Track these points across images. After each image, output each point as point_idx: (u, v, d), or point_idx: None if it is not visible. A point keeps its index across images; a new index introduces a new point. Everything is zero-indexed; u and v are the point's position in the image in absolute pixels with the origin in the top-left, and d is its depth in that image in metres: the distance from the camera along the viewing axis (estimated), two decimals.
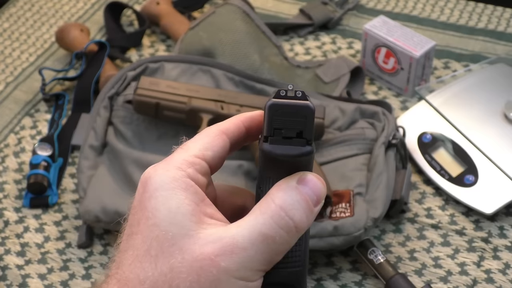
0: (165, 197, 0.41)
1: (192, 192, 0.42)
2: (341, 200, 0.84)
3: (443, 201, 0.92)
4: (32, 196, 0.94)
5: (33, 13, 1.27)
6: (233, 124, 0.45)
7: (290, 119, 0.41)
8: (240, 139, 0.46)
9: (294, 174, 0.42)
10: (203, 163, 0.43)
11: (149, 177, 0.42)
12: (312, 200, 0.42)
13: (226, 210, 0.44)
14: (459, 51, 1.14)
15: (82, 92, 1.07)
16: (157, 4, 1.19)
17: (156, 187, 0.42)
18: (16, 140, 1.03)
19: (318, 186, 0.42)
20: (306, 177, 0.42)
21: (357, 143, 0.91)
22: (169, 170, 0.42)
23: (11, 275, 0.87)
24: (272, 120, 0.41)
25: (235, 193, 0.48)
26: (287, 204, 0.41)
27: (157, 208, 0.41)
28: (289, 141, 0.41)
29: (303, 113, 0.41)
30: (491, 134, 0.95)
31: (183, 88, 0.92)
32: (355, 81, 1.07)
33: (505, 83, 1.02)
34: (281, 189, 0.41)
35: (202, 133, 0.45)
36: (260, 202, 0.42)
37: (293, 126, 0.41)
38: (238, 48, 1.03)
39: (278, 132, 0.41)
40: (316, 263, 0.86)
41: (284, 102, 0.41)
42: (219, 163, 0.45)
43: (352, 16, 1.21)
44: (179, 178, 0.42)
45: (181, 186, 0.42)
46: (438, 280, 0.84)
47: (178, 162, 0.43)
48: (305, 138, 0.41)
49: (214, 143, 0.44)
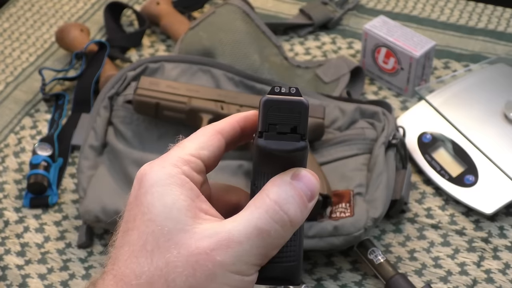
0: (161, 193, 0.42)
1: (188, 188, 0.42)
2: (341, 200, 0.85)
3: (443, 201, 0.92)
4: (32, 196, 0.94)
5: (33, 13, 1.27)
6: (228, 124, 0.46)
7: (284, 115, 0.41)
8: (235, 138, 0.46)
9: (289, 169, 0.43)
10: (199, 161, 0.44)
11: (145, 173, 0.43)
12: (306, 195, 0.42)
13: (221, 208, 0.45)
14: (459, 51, 1.14)
15: (82, 92, 1.07)
16: (157, 4, 1.19)
17: (152, 183, 0.42)
18: (16, 140, 1.03)
19: (312, 181, 0.43)
20: (300, 173, 0.43)
21: (357, 143, 0.91)
22: (165, 167, 0.43)
23: (11, 275, 0.87)
24: (266, 115, 0.41)
25: (229, 191, 0.49)
26: (282, 199, 0.42)
27: (152, 203, 0.42)
28: (283, 136, 0.41)
29: (297, 108, 0.41)
30: (491, 134, 0.95)
31: (183, 88, 0.92)
32: (355, 81, 1.07)
33: (505, 83, 1.02)
34: (276, 185, 0.42)
35: (198, 132, 0.46)
36: (255, 198, 0.42)
37: (287, 122, 0.41)
38: (238, 48, 1.03)
39: (273, 127, 0.42)
40: (316, 263, 0.86)
41: (279, 98, 0.42)
42: (214, 162, 0.45)
43: (352, 16, 1.21)
44: (174, 174, 0.42)
45: (177, 182, 0.42)
46: (438, 280, 0.84)
47: (174, 159, 0.43)
48: (299, 133, 0.42)
49: (209, 142, 0.45)
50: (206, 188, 0.46)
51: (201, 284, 0.40)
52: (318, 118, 0.91)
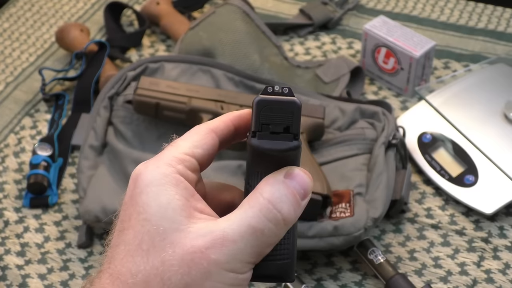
0: (156, 193, 0.42)
1: (182, 188, 0.43)
2: (341, 200, 0.84)
3: (443, 201, 0.92)
4: (32, 196, 0.94)
5: (33, 13, 1.27)
6: (222, 122, 0.46)
7: (277, 115, 0.42)
8: (229, 137, 0.47)
9: (282, 168, 0.43)
10: (193, 160, 0.44)
11: (140, 173, 0.43)
12: (300, 193, 0.43)
13: (215, 206, 0.45)
14: (459, 51, 1.14)
15: (82, 92, 1.07)
16: (157, 4, 1.19)
17: (147, 183, 0.43)
18: (16, 140, 1.03)
19: (305, 179, 0.43)
20: (293, 172, 0.43)
21: (357, 143, 0.91)
22: (160, 166, 0.43)
23: (11, 275, 0.87)
24: (259, 115, 0.42)
25: (224, 190, 0.49)
26: (275, 197, 0.42)
27: (148, 203, 0.42)
28: (276, 136, 0.42)
29: (290, 108, 0.42)
30: (491, 134, 0.95)
31: (183, 88, 0.92)
32: (355, 81, 1.07)
33: (505, 83, 1.02)
34: (269, 183, 0.43)
35: (192, 131, 0.46)
36: (249, 196, 0.43)
37: (280, 122, 0.42)
38: (238, 48, 1.03)
39: (266, 127, 0.42)
40: (316, 263, 0.86)
41: (271, 98, 0.42)
42: (208, 160, 0.46)
43: (352, 16, 1.21)
44: (169, 174, 0.43)
45: (171, 182, 0.42)
46: (438, 280, 0.84)
47: (168, 158, 0.44)
48: (292, 133, 0.42)
49: (203, 141, 0.45)
50: (201, 186, 0.46)
51: (196, 282, 0.40)
52: (318, 118, 0.91)
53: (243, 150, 0.88)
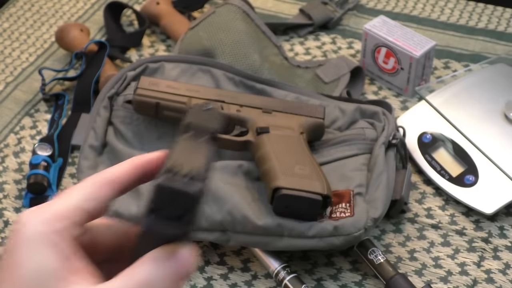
0: (33, 252, 0.41)
1: (59, 250, 0.41)
2: (341, 200, 0.84)
3: (443, 201, 0.92)
4: (32, 196, 0.94)
5: (33, 13, 1.27)
6: (124, 172, 0.45)
7: (173, 204, 0.40)
8: (131, 184, 0.46)
9: (169, 246, 0.42)
10: (82, 214, 0.43)
11: (24, 224, 0.42)
12: (180, 274, 0.42)
13: (106, 249, 0.45)
14: (459, 51, 1.14)
15: (82, 92, 1.07)
16: (157, 4, 1.19)
17: (27, 238, 0.42)
18: (16, 140, 1.03)
19: (188, 261, 0.42)
20: (179, 252, 0.42)
21: (357, 143, 0.91)
22: (41, 222, 0.42)
23: None
24: (155, 199, 0.40)
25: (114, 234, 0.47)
26: (153, 277, 0.41)
27: (22, 261, 0.41)
28: (169, 220, 0.40)
29: (187, 200, 0.40)
30: (491, 134, 0.95)
31: (183, 88, 0.92)
32: (355, 81, 1.07)
33: (505, 83, 1.02)
34: (151, 260, 0.41)
35: (87, 180, 0.45)
36: (128, 270, 0.41)
37: (174, 211, 0.40)
38: (238, 48, 1.03)
39: (160, 210, 0.40)
40: (316, 263, 0.86)
41: (170, 187, 0.40)
42: (102, 210, 0.45)
43: (352, 16, 1.21)
44: (47, 233, 0.42)
45: (48, 243, 0.41)
46: (438, 280, 0.84)
47: (50, 214, 0.42)
48: (185, 221, 0.41)
49: (97, 194, 0.44)
50: (88, 236, 0.45)
51: None
52: (318, 118, 0.91)
53: (243, 150, 0.88)
